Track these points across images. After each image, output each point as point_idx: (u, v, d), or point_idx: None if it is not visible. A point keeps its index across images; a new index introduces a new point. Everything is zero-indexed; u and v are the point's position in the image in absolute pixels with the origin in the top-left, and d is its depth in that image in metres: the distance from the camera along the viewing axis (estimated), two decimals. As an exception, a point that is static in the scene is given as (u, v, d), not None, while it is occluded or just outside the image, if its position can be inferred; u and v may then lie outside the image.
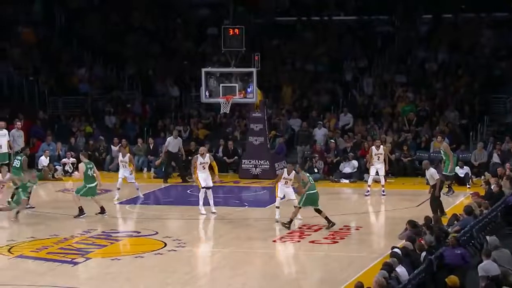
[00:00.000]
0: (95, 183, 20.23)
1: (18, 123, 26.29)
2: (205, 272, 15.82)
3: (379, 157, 22.85)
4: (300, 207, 18.84)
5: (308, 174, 19.45)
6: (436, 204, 19.38)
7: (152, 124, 30.70)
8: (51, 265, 15.97)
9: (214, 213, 20.30)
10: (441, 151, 22.31)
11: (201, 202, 20.34)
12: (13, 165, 21.26)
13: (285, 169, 19.82)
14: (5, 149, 25.18)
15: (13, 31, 34.85)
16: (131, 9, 36.68)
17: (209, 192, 20.28)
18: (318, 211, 18.95)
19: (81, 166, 20.45)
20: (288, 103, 31.05)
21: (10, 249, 17.21)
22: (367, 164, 23.95)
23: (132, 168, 22.58)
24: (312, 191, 18.84)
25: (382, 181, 23.04)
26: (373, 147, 23.22)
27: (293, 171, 19.70)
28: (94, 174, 20.27)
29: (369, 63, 32.70)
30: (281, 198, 19.67)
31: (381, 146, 23.25)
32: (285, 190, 19.74)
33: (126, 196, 23.56)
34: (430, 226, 15.62)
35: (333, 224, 18.83)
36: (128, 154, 23.07)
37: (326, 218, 18.90)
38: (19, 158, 21.11)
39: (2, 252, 16.96)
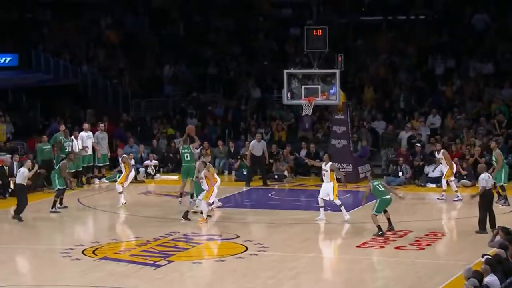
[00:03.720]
0: None
1: (101, 125, 26.60)
2: (288, 277, 15.49)
3: (441, 162, 22.29)
4: (375, 214, 18.37)
5: (376, 183, 18.58)
6: (482, 214, 18.32)
7: (233, 126, 30.57)
8: (134, 267, 16.00)
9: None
10: (494, 158, 21.64)
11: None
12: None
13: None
14: (91, 151, 25.55)
15: (98, 32, 35.33)
16: (212, 9, 36.70)
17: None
18: (384, 211, 18.56)
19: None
20: (371, 105, 30.43)
21: (94, 250, 17.33)
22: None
23: (126, 169, 22.19)
24: (385, 197, 18.40)
25: (444, 186, 22.41)
26: (436, 152, 22.72)
27: (330, 162, 19.40)
28: None
29: (458, 62, 31.75)
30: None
31: (442, 150, 22.60)
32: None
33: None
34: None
35: (393, 228, 18.48)
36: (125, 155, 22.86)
37: (389, 219, 18.54)
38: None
39: (87, 253, 17.09)
